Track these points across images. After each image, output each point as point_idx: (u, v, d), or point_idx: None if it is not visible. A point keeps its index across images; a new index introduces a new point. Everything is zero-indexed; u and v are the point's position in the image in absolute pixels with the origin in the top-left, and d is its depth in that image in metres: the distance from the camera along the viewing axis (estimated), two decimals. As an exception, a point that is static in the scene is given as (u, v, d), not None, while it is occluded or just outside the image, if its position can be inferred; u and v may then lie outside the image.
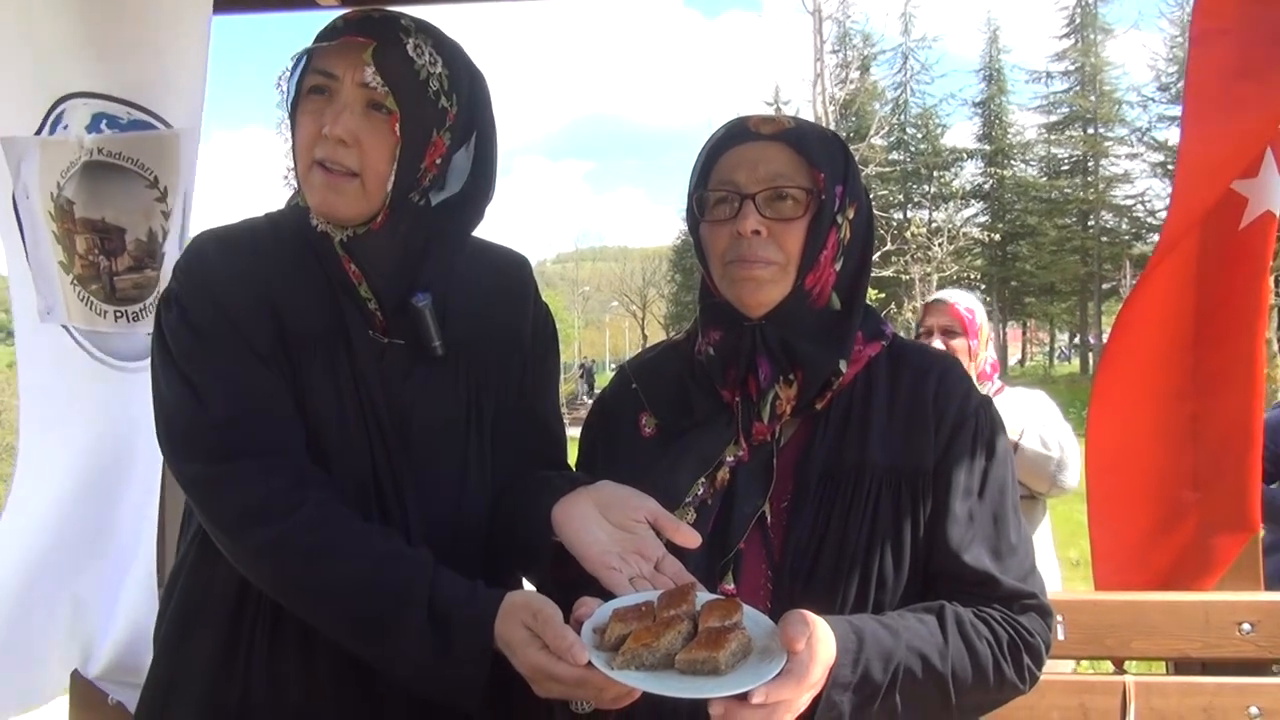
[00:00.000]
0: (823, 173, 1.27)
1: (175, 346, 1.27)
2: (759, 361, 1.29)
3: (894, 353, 1.35)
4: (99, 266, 2.11)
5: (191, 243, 1.35)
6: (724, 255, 1.29)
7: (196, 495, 1.26)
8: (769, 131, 1.30)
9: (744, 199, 1.27)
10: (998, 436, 1.31)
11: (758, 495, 1.27)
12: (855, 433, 1.28)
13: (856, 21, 36.64)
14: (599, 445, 1.43)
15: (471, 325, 1.36)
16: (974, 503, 1.27)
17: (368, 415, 1.29)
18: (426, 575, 1.18)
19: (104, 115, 2.07)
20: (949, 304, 2.98)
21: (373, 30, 1.24)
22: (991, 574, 1.24)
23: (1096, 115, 39.04)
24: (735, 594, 1.25)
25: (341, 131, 1.22)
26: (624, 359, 6.60)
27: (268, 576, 1.23)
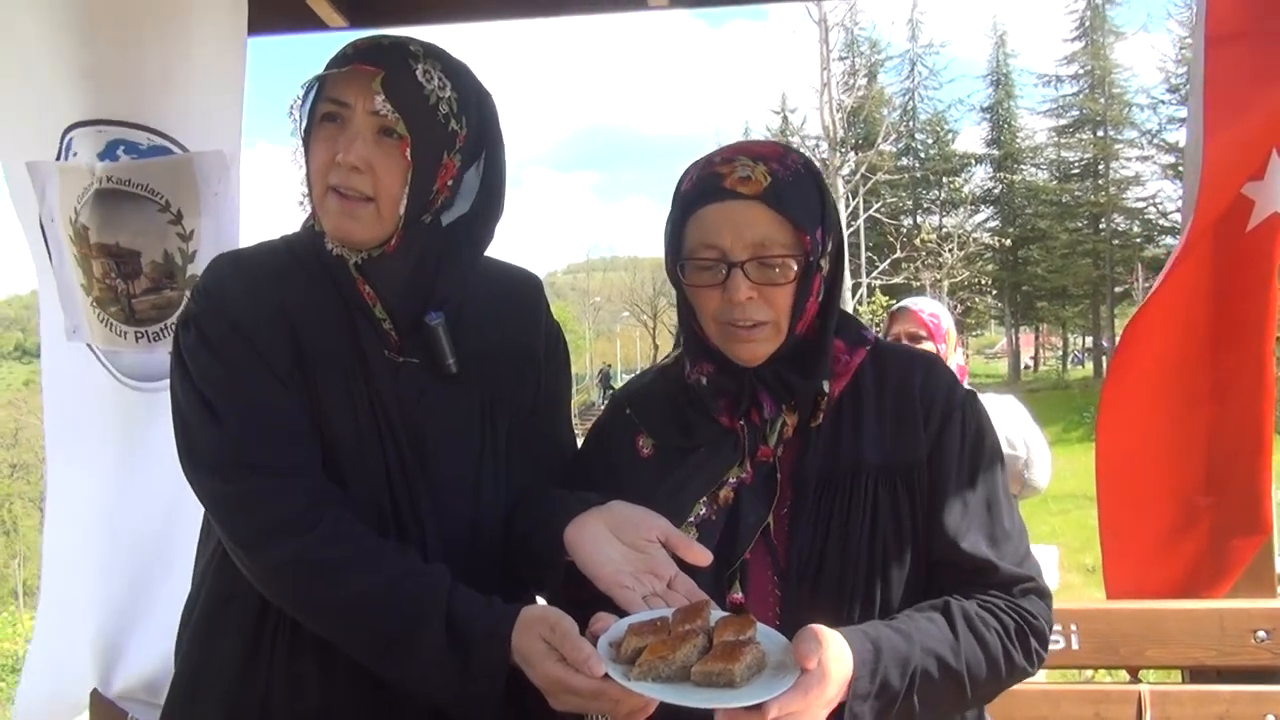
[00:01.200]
0: (806, 230, 1.27)
1: (194, 366, 1.29)
2: (761, 398, 1.32)
3: (877, 356, 1.38)
4: (117, 290, 2.13)
5: (210, 265, 1.38)
6: (716, 316, 1.30)
7: (216, 513, 1.29)
8: (747, 192, 1.27)
9: (732, 267, 1.26)
10: (985, 425, 1.35)
11: (762, 507, 1.30)
12: (848, 436, 1.32)
13: (864, 28, 36.69)
14: (599, 470, 1.45)
15: (484, 343, 1.38)
16: (967, 491, 1.30)
17: (384, 433, 1.31)
18: (444, 590, 1.20)
19: (121, 142, 2.09)
20: (913, 311, 3.05)
21: (382, 58, 1.27)
22: (990, 559, 1.27)
23: (1106, 118, 38.91)
24: (744, 603, 1.27)
25: (355, 159, 1.25)
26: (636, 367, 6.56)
27: (286, 593, 1.25)
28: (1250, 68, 1.92)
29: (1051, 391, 29.50)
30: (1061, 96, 40.64)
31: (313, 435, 1.29)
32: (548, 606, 1.18)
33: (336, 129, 1.27)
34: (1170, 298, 2.04)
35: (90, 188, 2.09)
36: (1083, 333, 45.15)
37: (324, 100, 1.28)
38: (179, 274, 2.13)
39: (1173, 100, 36.69)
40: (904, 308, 3.11)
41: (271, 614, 1.29)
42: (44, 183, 2.14)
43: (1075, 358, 46.68)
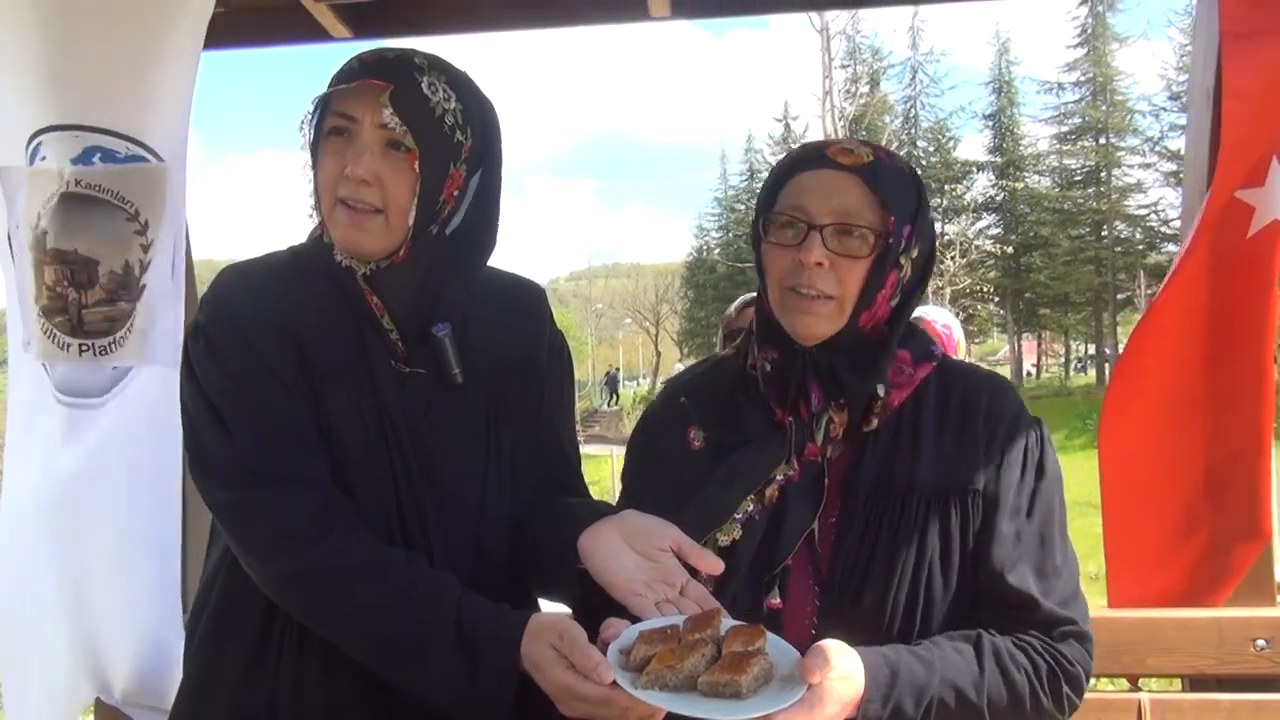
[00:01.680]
0: (893, 215, 1.27)
1: (203, 377, 1.31)
2: (810, 387, 1.30)
3: (944, 373, 1.36)
4: (67, 298, 2.08)
5: (218, 276, 1.39)
6: (783, 280, 1.29)
7: (225, 522, 1.30)
8: (846, 163, 1.28)
9: (811, 229, 1.27)
10: (1048, 456, 1.32)
11: (808, 512, 1.29)
12: (905, 451, 1.29)
13: (865, 36, 36.79)
14: (644, 461, 1.45)
15: (489, 353, 1.40)
16: (1021, 522, 1.27)
17: (390, 443, 1.32)
18: (453, 597, 1.21)
19: (99, 149, 2.07)
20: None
21: (388, 73, 1.28)
22: (1033, 596, 1.24)
23: (1108, 125, 38.93)
24: (781, 608, 1.27)
25: (364, 172, 1.26)
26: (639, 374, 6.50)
27: (295, 602, 1.26)
28: (1263, 67, 1.92)
29: (1054, 399, 29.45)
30: (1063, 104, 40.64)
31: (321, 445, 1.30)
32: (556, 614, 1.19)
33: (344, 142, 1.29)
34: (1171, 305, 2.05)
35: (56, 192, 2.06)
36: (1085, 340, 45.11)
37: (331, 114, 1.30)
38: (134, 285, 2.10)
39: (1174, 108, 36.70)
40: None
41: (279, 619, 1.30)
42: (15, 189, 2.12)
43: (1078, 365, 46.64)
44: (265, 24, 2.41)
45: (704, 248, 54.35)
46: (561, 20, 2.42)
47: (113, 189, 2.07)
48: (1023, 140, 42.34)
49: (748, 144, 52.96)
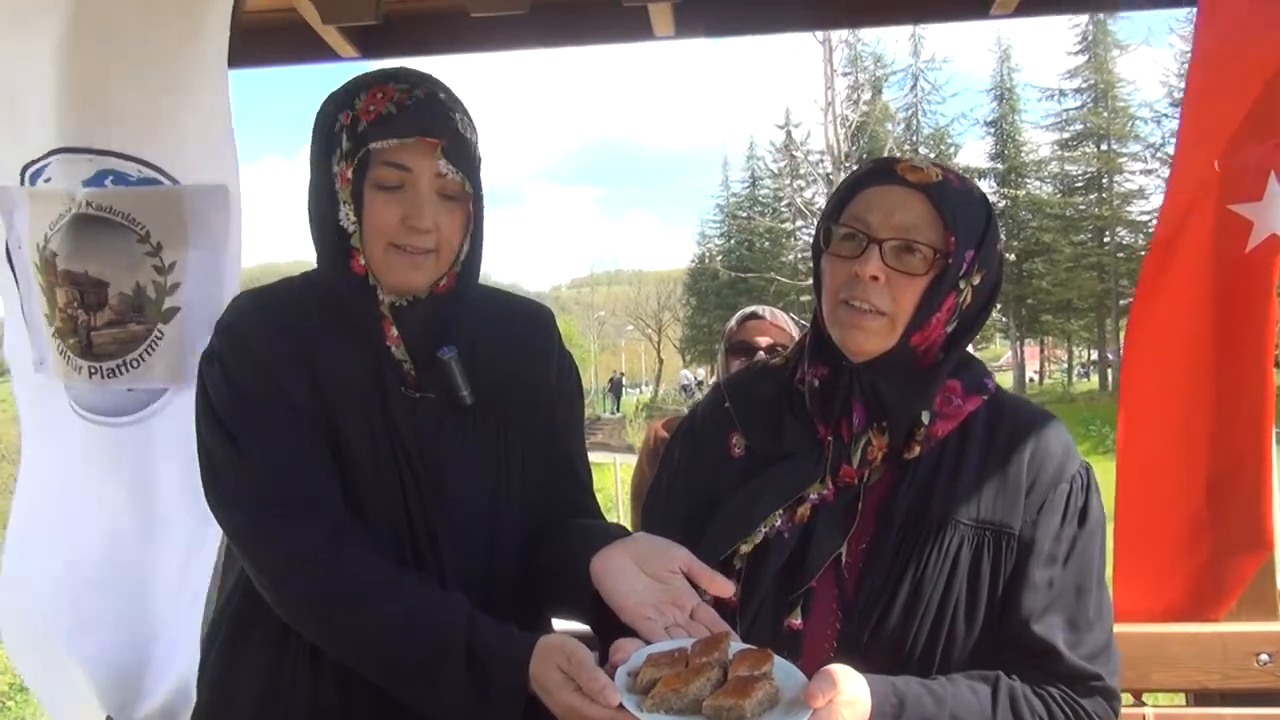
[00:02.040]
0: (955, 235, 1.25)
1: (217, 401, 1.33)
2: (854, 405, 1.29)
3: (994, 407, 1.33)
4: (77, 320, 2.07)
5: (233, 302, 1.42)
6: (838, 291, 1.28)
7: (240, 545, 1.32)
8: (914, 180, 1.27)
9: (871, 242, 1.26)
10: (1091, 503, 1.29)
11: (838, 534, 1.27)
12: (944, 484, 1.27)
13: (866, 44, 36.84)
14: (683, 459, 1.45)
15: (498, 376, 1.42)
16: (1056, 571, 1.25)
17: (402, 467, 1.34)
18: (464, 620, 1.23)
19: (111, 172, 2.08)
20: None
21: (439, 128, 1.30)
22: (1057, 648, 1.22)
23: (1110, 131, 38.98)
24: (802, 629, 1.27)
25: (429, 224, 1.30)
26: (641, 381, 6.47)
27: (309, 624, 1.28)
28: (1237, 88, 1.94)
29: (1057, 405, 29.44)
30: (1065, 110, 40.71)
31: (334, 469, 1.32)
32: (564, 635, 1.21)
33: (399, 191, 1.30)
34: (1171, 315, 2.06)
35: (67, 213, 2.06)
36: (1088, 346, 45.10)
37: (381, 165, 1.29)
38: (150, 307, 2.08)
39: (1176, 114, 36.68)
40: None
41: (293, 640, 1.32)
42: (11, 209, 2.13)
43: (1080, 371, 46.60)
44: (275, 45, 2.44)
45: (706, 255, 54.39)
46: (566, 40, 2.45)
47: (124, 211, 2.07)
48: (1024, 147, 42.38)
49: (749, 151, 53.04)
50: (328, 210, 1.32)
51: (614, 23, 2.38)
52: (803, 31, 18.47)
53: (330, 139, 1.31)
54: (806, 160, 38.44)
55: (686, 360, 51.53)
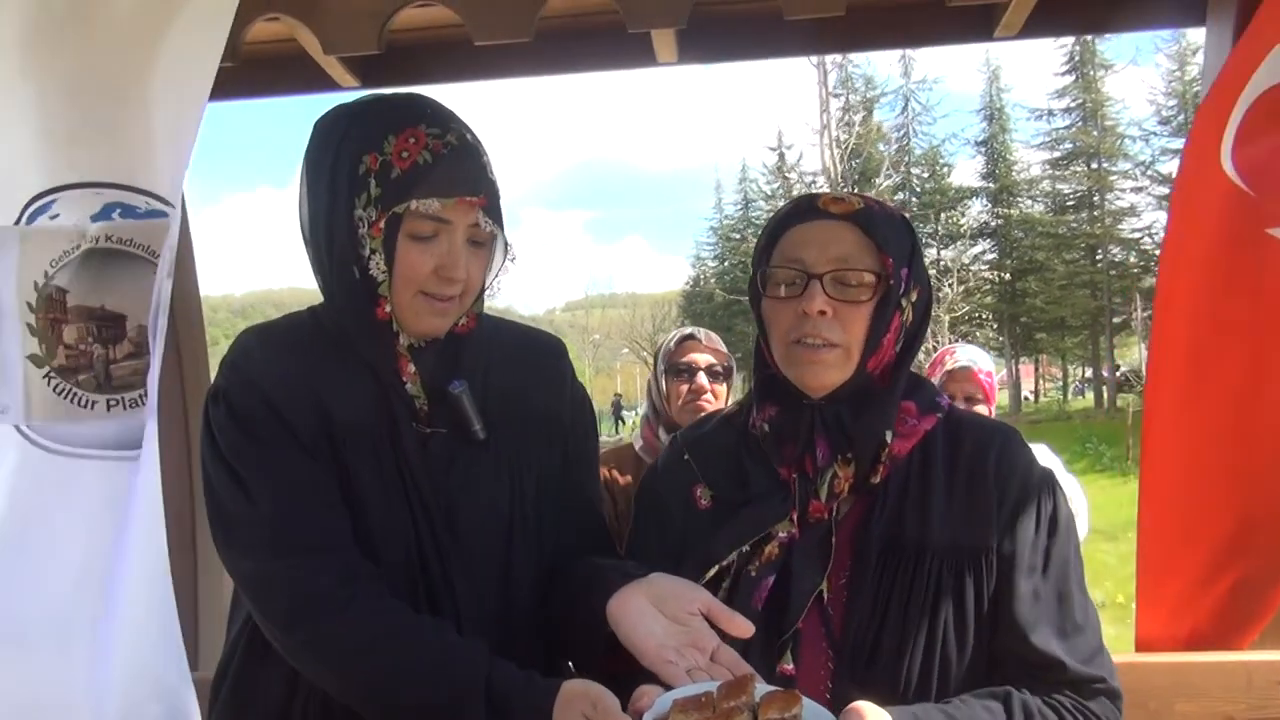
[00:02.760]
0: (891, 256, 1.27)
1: (224, 442, 1.30)
2: (817, 441, 1.29)
3: (951, 424, 1.34)
4: (93, 355, 2.06)
5: (237, 339, 1.38)
6: (787, 334, 1.28)
7: (249, 591, 1.28)
8: (838, 211, 1.29)
9: (811, 278, 1.26)
10: (1060, 510, 1.30)
11: (816, 572, 1.26)
12: (914, 508, 1.27)
13: (858, 66, 37.15)
14: (650, 516, 1.44)
15: (511, 411, 1.39)
16: (1039, 580, 1.25)
17: (414, 505, 1.31)
18: (483, 666, 1.19)
19: (118, 204, 2.07)
20: (974, 372, 2.95)
21: (480, 185, 1.29)
22: (1059, 658, 1.22)
23: (1100, 150, 39.26)
24: (794, 673, 1.25)
25: (463, 275, 1.29)
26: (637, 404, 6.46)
27: (322, 671, 1.24)
28: None
29: (1053, 423, 29.44)
30: (1055, 129, 41.03)
31: (343, 509, 1.29)
32: (588, 681, 1.17)
33: (433, 241, 1.28)
34: (1199, 340, 2.02)
35: (75, 250, 2.05)
36: (1082, 363, 45.19)
37: (418, 217, 1.26)
38: None
39: (1164, 132, 37.07)
40: (965, 368, 2.97)
41: (302, 687, 1.29)
42: None
43: (1076, 388, 46.67)
44: (275, 75, 2.42)
45: (700, 277, 54.59)
46: (569, 67, 2.43)
47: (143, 243, 2.08)
48: (1015, 166, 42.70)
49: (742, 173, 53.35)
50: (347, 253, 1.29)
51: (618, 49, 2.37)
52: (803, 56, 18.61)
53: (354, 181, 1.27)
54: (800, 181, 38.64)
55: (682, 382, 51.44)
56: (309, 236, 1.34)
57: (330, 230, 1.30)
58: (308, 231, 1.34)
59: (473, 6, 2.04)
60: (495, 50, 2.30)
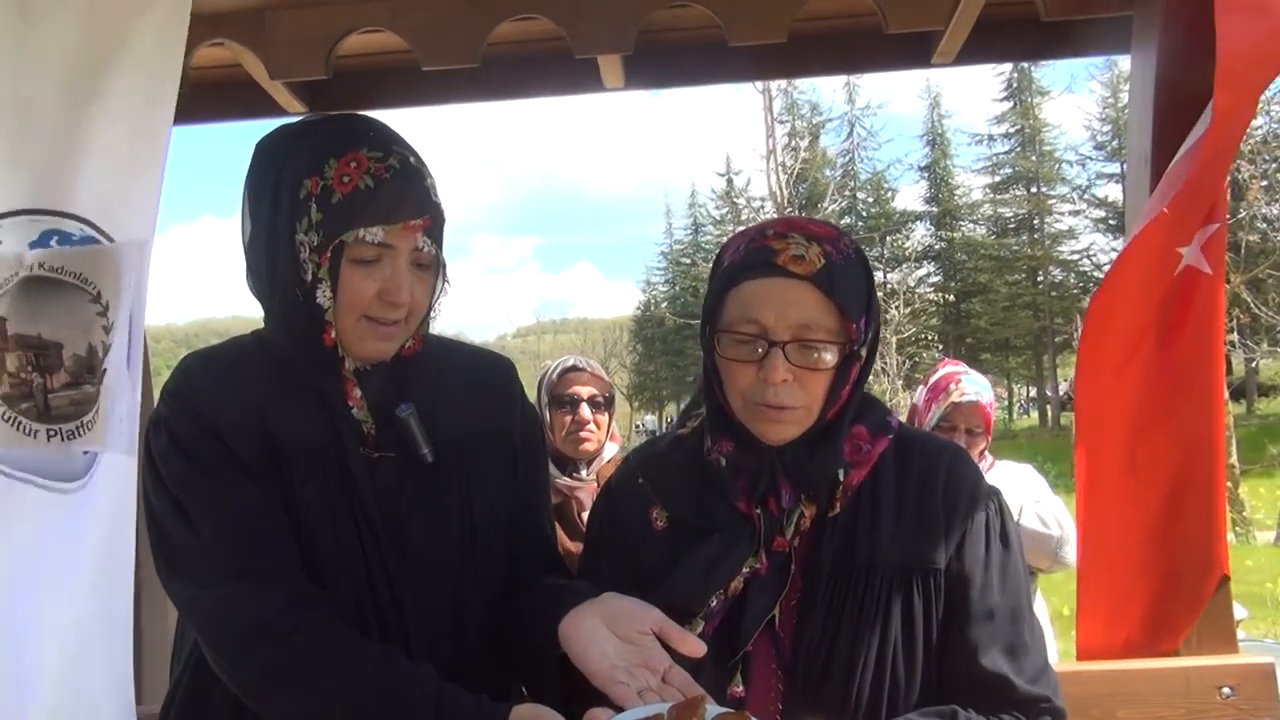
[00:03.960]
0: (852, 320, 1.24)
1: (165, 470, 1.28)
2: (781, 485, 1.27)
3: (900, 445, 1.33)
4: (32, 384, 2.03)
5: (179, 365, 1.37)
6: (746, 393, 1.26)
7: (194, 620, 1.26)
8: (801, 271, 1.23)
9: (772, 346, 1.22)
10: (1009, 527, 1.30)
11: (769, 597, 1.26)
12: (864, 530, 1.27)
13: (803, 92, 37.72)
14: (606, 536, 1.43)
15: (460, 431, 1.38)
16: (994, 599, 1.25)
17: (363, 530, 1.30)
18: (432, 692, 1.18)
19: (55, 232, 2.03)
20: (979, 405, 2.93)
21: (422, 207, 1.28)
22: (1007, 677, 1.23)
23: (1038, 175, 40.30)
24: (744, 696, 1.25)
25: (406, 298, 1.28)
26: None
27: (269, 700, 1.22)
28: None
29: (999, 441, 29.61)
30: (995, 154, 42.05)
31: (290, 535, 1.27)
32: (539, 706, 1.17)
33: (376, 265, 1.27)
34: (1118, 349, 2.09)
35: (14, 277, 2.02)
36: (1027, 383, 46.13)
37: (360, 244, 1.25)
38: (98, 367, 2.06)
39: (1100, 157, 38.19)
40: (973, 402, 2.93)
41: (249, 717, 1.26)
42: None
43: (1021, 407, 47.56)
44: (223, 101, 2.41)
45: (651, 302, 54.76)
46: (517, 93, 2.45)
47: (76, 271, 2.03)
48: (957, 190, 43.65)
49: (691, 198, 53.77)
50: (290, 279, 1.28)
51: (565, 75, 2.39)
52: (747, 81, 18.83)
53: (295, 205, 1.26)
54: (749, 206, 39.06)
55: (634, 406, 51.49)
56: (250, 259, 1.33)
57: (272, 254, 1.29)
58: (249, 254, 1.33)
59: (420, 32, 2.05)
60: (443, 75, 2.31)
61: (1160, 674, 1.93)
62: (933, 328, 38.56)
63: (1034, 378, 43.14)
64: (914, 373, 21.53)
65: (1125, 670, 1.95)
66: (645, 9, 2.03)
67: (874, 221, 42.48)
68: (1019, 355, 42.43)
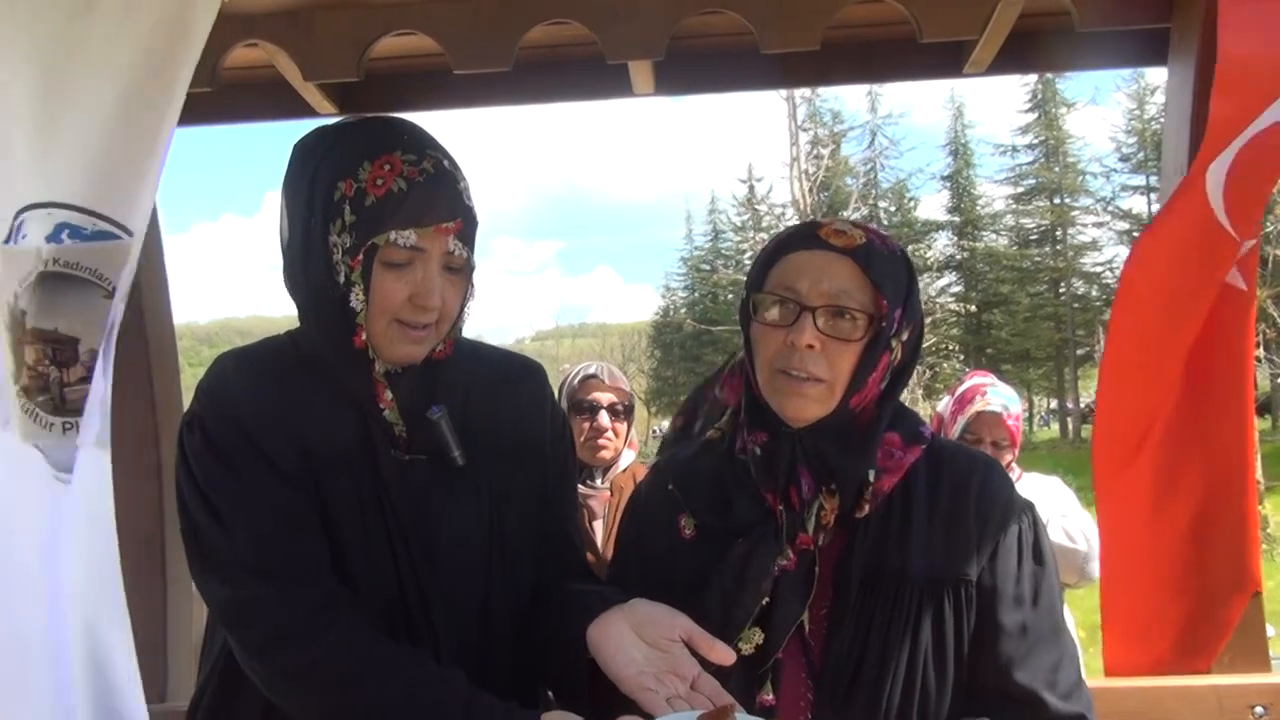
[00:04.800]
0: (886, 297, 1.25)
1: (199, 470, 1.28)
2: (800, 472, 1.28)
3: (933, 455, 1.33)
4: (48, 377, 2.05)
5: (213, 364, 1.37)
6: (773, 361, 1.27)
7: (226, 621, 1.27)
8: (840, 244, 1.27)
9: (803, 310, 1.25)
10: (1043, 542, 1.30)
11: (797, 603, 1.26)
12: (895, 539, 1.27)
13: (825, 100, 37.64)
14: (634, 546, 1.43)
15: (491, 436, 1.38)
16: (1027, 613, 1.25)
17: (393, 533, 1.30)
18: (461, 698, 1.18)
19: (67, 225, 2.04)
20: (1004, 417, 2.91)
21: (454, 211, 1.28)
22: (1039, 694, 1.22)
23: (1062, 186, 40.05)
24: (774, 704, 1.24)
25: (437, 302, 1.27)
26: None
27: (298, 702, 1.22)
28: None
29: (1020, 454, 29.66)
30: (1018, 165, 41.81)
31: (321, 537, 1.27)
32: (568, 714, 1.16)
33: (408, 269, 1.27)
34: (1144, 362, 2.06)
35: (34, 271, 2.05)
36: (1047, 394, 45.79)
37: (392, 246, 1.25)
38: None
39: (1124, 169, 37.94)
40: (997, 414, 2.91)
41: (277, 717, 1.26)
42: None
43: (1041, 420, 47.22)
44: (254, 102, 2.42)
45: (670, 307, 54.72)
46: (548, 97, 2.45)
47: (90, 266, 2.04)
48: (980, 200, 43.40)
49: (712, 205, 53.72)
50: (323, 280, 1.28)
51: (596, 80, 2.39)
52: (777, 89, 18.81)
53: (329, 207, 1.27)
54: (770, 213, 39.02)
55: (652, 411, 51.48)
56: (286, 259, 1.34)
57: (306, 255, 1.29)
58: (285, 254, 1.34)
59: (453, 35, 2.06)
60: (474, 79, 2.32)
61: (1191, 692, 1.90)
62: (953, 338, 38.30)
63: (1055, 390, 42.82)
64: (934, 382, 21.41)
65: (1156, 688, 1.93)
66: (678, 15, 2.03)
67: (896, 230, 42.25)
68: (1040, 367, 42.12)
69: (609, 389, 2.86)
